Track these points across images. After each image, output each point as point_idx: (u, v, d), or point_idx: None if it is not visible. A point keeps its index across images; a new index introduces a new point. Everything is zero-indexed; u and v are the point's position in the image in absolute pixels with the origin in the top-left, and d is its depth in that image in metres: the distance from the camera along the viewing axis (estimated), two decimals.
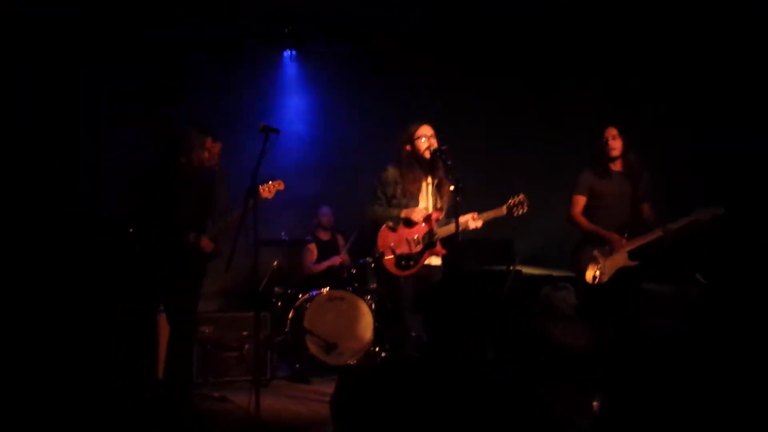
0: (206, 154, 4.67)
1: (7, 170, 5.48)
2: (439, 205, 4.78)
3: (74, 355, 4.77)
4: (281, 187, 4.75)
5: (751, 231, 5.59)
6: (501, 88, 7.27)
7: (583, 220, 5.03)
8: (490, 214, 4.72)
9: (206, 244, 4.58)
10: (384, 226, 4.73)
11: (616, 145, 4.99)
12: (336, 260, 6.99)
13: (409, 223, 4.70)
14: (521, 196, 4.73)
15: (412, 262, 4.68)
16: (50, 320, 4.85)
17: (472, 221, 4.66)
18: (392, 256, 4.68)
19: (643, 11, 6.44)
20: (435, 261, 4.78)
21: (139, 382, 4.75)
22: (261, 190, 4.64)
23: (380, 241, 4.73)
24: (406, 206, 4.74)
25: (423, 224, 4.73)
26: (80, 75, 6.22)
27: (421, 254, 4.70)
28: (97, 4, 6.16)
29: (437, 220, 4.75)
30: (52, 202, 5.68)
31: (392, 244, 4.70)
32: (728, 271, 5.58)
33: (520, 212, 4.73)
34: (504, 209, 4.72)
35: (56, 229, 5.31)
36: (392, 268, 4.68)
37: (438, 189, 4.78)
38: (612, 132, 5.00)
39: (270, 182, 4.70)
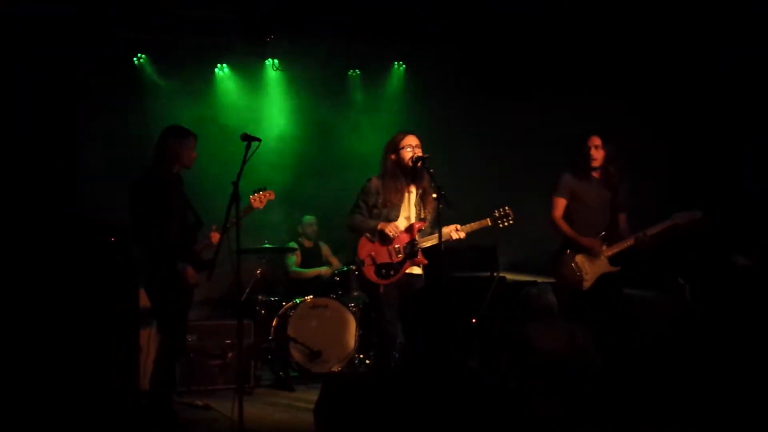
0: (194, 155, 4.58)
1: (7, 170, 5.44)
2: (422, 215, 4.78)
3: (67, 357, 4.72)
4: (272, 197, 4.72)
5: (744, 232, 5.63)
6: (483, 98, 7.32)
7: (563, 225, 5.06)
8: (473, 226, 4.73)
9: (191, 275, 4.46)
10: (364, 237, 4.74)
11: (597, 156, 5.02)
12: (322, 270, 7.00)
13: (385, 238, 4.70)
14: (506, 209, 4.75)
15: (392, 272, 4.68)
16: (45, 320, 4.80)
17: (454, 233, 4.67)
18: (372, 265, 4.69)
19: (630, 25, 6.51)
20: (416, 270, 4.79)
21: (124, 390, 4.71)
22: (252, 200, 4.62)
23: (360, 251, 4.74)
24: (387, 216, 4.73)
25: (405, 234, 4.73)
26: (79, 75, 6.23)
27: (402, 264, 4.71)
28: (96, 4, 6.15)
29: (420, 230, 4.75)
30: (52, 202, 5.65)
31: (372, 254, 4.71)
32: (720, 273, 5.61)
33: (506, 224, 4.74)
34: (488, 221, 4.74)
35: (55, 229, 5.25)
36: (372, 277, 4.68)
37: (422, 199, 4.79)
38: (595, 141, 5.03)
39: (261, 192, 4.67)
